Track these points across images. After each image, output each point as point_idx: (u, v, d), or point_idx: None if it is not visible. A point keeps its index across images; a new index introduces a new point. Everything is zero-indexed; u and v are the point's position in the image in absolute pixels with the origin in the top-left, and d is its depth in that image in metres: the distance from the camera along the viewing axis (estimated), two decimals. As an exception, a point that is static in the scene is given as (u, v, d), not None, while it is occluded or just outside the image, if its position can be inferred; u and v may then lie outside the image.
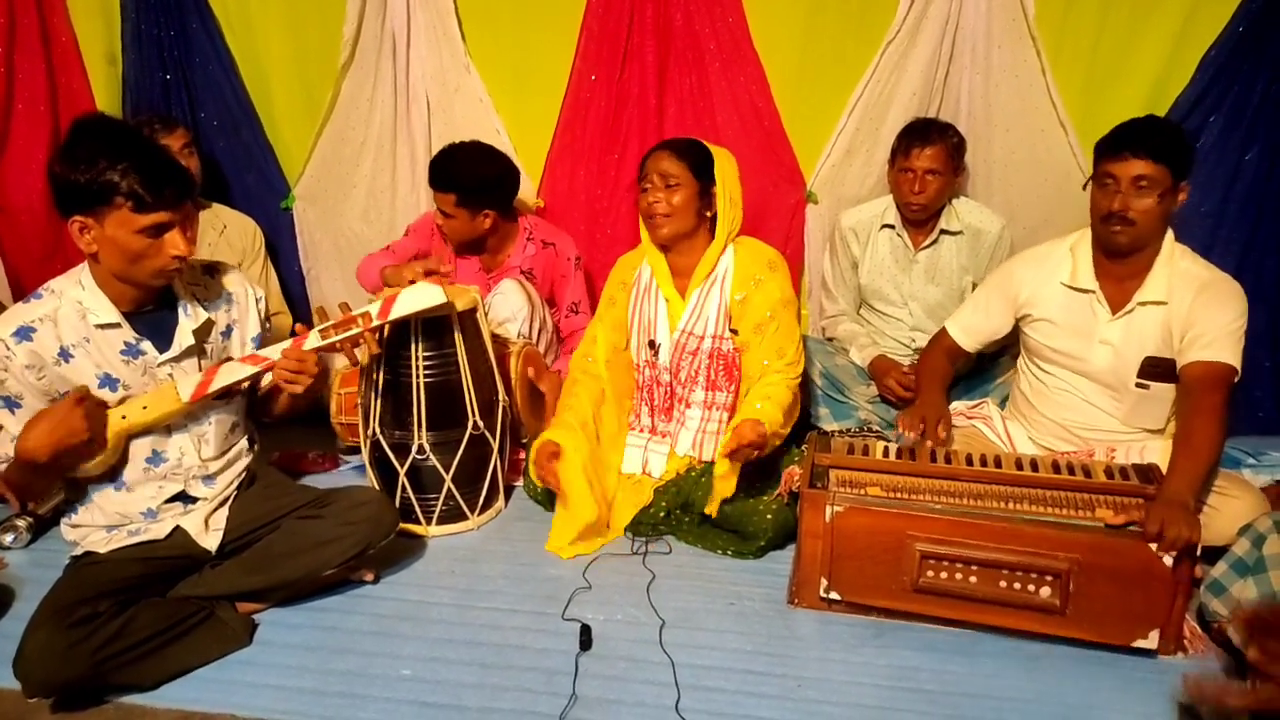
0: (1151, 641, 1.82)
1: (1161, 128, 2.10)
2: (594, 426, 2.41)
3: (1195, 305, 2.08)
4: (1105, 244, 2.15)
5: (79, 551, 1.88)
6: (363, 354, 2.01)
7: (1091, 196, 2.16)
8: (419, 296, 2.08)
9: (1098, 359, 2.20)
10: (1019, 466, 2.05)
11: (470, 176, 2.68)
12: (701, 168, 2.29)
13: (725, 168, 2.31)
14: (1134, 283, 2.15)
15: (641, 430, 2.49)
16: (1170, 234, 2.15)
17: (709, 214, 2.34)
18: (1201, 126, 2.73)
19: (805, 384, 2.44)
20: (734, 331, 2.32)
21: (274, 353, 1.91)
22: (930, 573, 1.89)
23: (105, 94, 3.11)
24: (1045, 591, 1.84)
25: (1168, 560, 1.77)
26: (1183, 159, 2.06)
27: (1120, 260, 2.16)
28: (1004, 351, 2.68)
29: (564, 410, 2.42)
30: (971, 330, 2.43)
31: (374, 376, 2.29)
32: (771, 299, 2.30)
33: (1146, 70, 2.72)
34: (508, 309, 2.68)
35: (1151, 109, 2.73)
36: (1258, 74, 2.67)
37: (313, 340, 1.93)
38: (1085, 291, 2.20)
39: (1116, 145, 2.08)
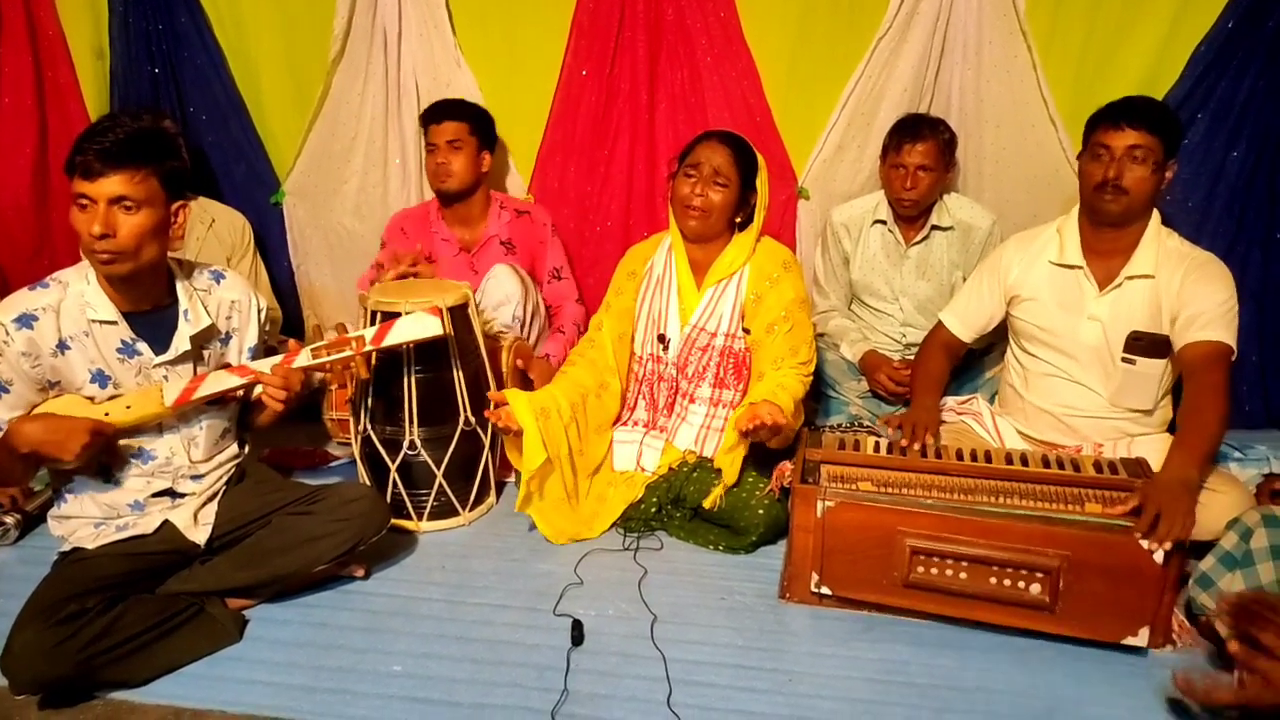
0: (1141, 639, 1.82)
1: (1154, 103, 2.18)
2: (581, 405, 2.37)
3: (1186, 284, 2.10)
4: (1097, 214, 2.16)
5: (67, 548, 1.87)
6: (351, 376, 1.99)
7: (1082, 169, 2.19)
8: (416, 327, 2.07)
9: (1086, 335, 2.21)
10: (1009, 461, 2.06)
11: (478, 109, 2.85)
12: (749, 173, 2.29)
13: (764, 176, 2.32)
14: (1121, 259, 2.17)
15: (635, 424, 2.49)
16: (1157, 214, 2.18)
17: (738, 219, 2.33)
18: (1190, 123, 2.74)
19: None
20: (746, 331, 2.32)
21: (263, 367, 1.91)
22: (920, 568, 1.90)
23: (93, 88, 3.09)
24: (1035, 588, 1.84)
25: (1158, 558, 1.77)
26: (1173, 134, 2.12)
27: (1108, 235, 2.17)
28: (992, 348, 2.69)
29: (549, 386, 2.38)
30: (967, 319, 2.44)
31: (370, 369, 2.28)
32: (785, 299, 2.30)
33: (1136, 66, 2.73)
34: (501, 293, 2.68)
35: (1141, 105, 2.75)
36: (1245, 70, 2.68)
37: (303, 358, 1.93)
38: (1073, 268, 2.22)
39: (1112, 116, 2.12)
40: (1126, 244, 2.17)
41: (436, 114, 2.81)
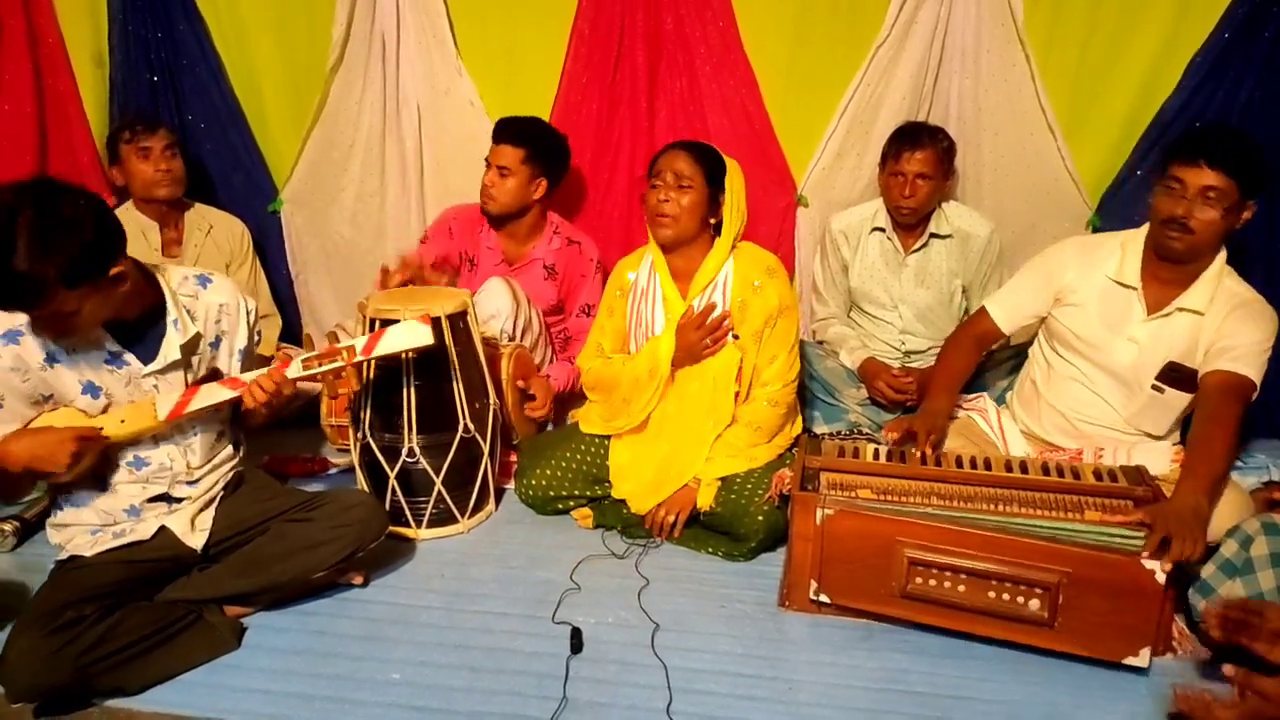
0: (1142, 659, 1.78)
1: (1241, 142, 2.04)
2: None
3: (1227, 321, 2.08)
4: (1160, 248, 2.12)
5: (64, 555, 1.86)
6: (344, 386, 1.99)
7: (1155, 197, 2.12)
8: (406, 336, 2.05)
9: (1121, 355, 2.20)
10: (1008, 469, 2.05)
11: (545, 134, 2.79)
12: (714, 174, 2.29)
13: (735, 179, 2.32)
14: (1177, 289, 2.14)
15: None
16: (1223, 253, 2.13)
17: (713, 220, 2.33)
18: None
19: (798, 388, 2.44)
20: (735, 336, 2.33)
21: (254, 378, 1.90)
22: (919, 579, 1.88)
23: (92, 96, 3.09)
24: (1034, 604, 1.82)
25: (1160, 577, 1.74)
26: (1255, 177, 2.01)
27: (1169, 266, 2.14)
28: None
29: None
30: (1010, 310, 2.37)
31: (364, 379, 2.28)
32: (769, 305, 2.30)
33: (1134, 76, 2.73)
34: (491, 307, 2.66)
35: (1139, 114, 2.75)
36: (1242, 80, 2.68)
37: (295, 369, 1.92)
38: (1127, 287, 2.19)
39: (1192, 151, 2.02)
40: (1185, 277, 2.13)
41: (499, 133, 2.75)
